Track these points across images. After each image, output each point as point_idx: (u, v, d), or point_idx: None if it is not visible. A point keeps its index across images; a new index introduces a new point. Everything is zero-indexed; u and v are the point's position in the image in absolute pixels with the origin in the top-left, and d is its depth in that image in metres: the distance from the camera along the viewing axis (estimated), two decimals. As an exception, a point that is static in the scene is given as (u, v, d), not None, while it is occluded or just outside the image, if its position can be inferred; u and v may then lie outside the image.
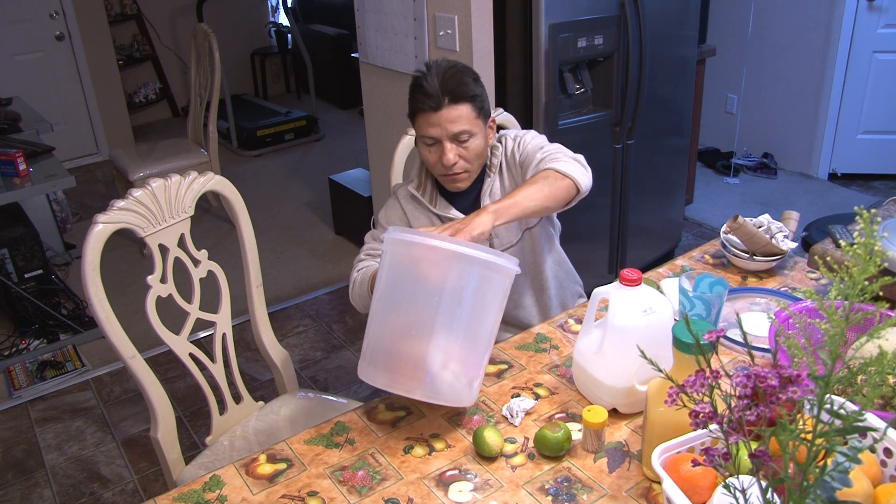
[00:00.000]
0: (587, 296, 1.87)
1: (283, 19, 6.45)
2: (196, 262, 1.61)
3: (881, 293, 1.21)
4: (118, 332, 1.44)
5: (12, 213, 3.22)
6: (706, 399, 0.79)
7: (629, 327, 1.22)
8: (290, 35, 6.39)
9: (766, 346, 1.40)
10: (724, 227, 1.77)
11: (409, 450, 1.26)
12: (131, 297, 3.18)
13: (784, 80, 4.27)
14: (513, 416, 1.31)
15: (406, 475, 1.20)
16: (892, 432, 0.98)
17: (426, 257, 1.24)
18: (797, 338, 0.88)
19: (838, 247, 1.54)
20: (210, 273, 1.64)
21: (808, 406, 0.77)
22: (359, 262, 1.64)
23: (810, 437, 0.75)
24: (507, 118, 1.98)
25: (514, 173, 1.67)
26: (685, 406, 0.81)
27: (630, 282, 1.24)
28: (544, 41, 2.44)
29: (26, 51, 4.83)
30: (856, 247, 0.76)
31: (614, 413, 1.29)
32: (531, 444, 1.24)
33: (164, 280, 1.53)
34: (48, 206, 3.64)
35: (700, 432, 1.02)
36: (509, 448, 1.24)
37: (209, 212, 4.27)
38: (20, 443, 2.55)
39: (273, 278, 3.53)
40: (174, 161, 3.80)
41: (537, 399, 1.36)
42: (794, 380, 0.73)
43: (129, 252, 3.80)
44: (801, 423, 0.75)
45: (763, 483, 0.78)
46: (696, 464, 0.84)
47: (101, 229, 1.39)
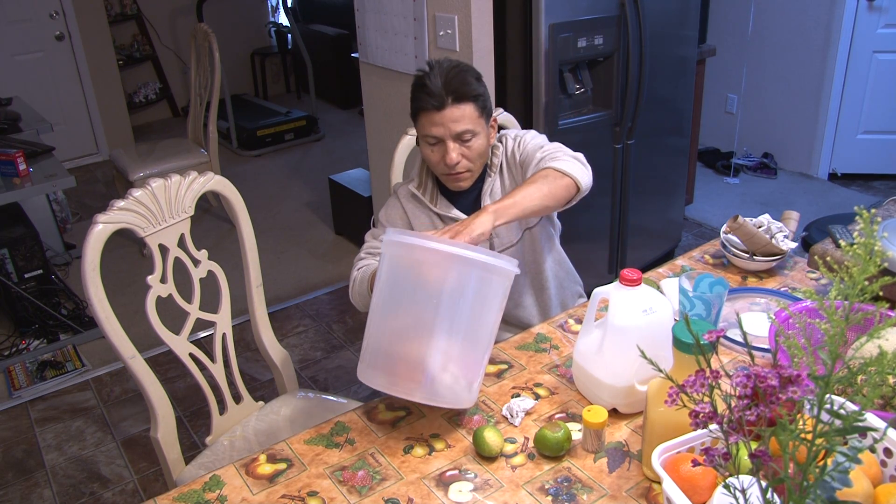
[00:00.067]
0: (587, 296, 1.87)
1: (283, 19, 6.45)
2: (196, 262, 1.61)
3: (881, 293, 1.21)
4: (118, 332, 1.45)
5: (12, 213, 3.22)
6: (706, 399, 0.79)
7: (629, 327, 1.22)
8: (290, 35, 6.39)
9: (766, 346, 1.40)
10: (724, 227, 1.76)
11: (409, 450, 1.26)
12: (131, 297, 3.18)
13: (784, 80, 4.27)
14: (513, 416, 1.31)
15: (406, 475, 1.20)
16: (892, 432, 0.98)
17: (425, 259, 1.24)
18: (797, 338, 0.88)
19: (838, 247, 1.54)
20: (210, 273, 1.64)
21: (808, 406, 0.77)
22: (359, 260, 1.64)
23: (810, 437, 0.75)
24: (507, 118, 1.98)
25: (514, 173, 1.67)
26: (685, 406, 0.81)
27: (630, 282, 1.24)
28: (544, 41, 2.44)
29: (26, 51, 4.83)
30: (856, 247, 0.76)
31: (614, 413, 1.29)
32: (531, 444, 1.24)
33: (164, 280, 1.53)
34: (48, 206, 3.64)
35: (700, 432, 1.02)
36: (509, 448, 1.24)
37: (209, 212, 4.27)
38: (20, 443, 2.55)
39: (273, 278, 3.53)
40: (174, 161, 3.80)
41: (537, 399, 1.36)
42: (794, 380, 0.74)
43: (129, 252, 3.80)
44: (801, 423, 0.76)
45: (763, 483, 0.78)
46: (696, 464, 0.84)
47: (101, 229, 1.39)
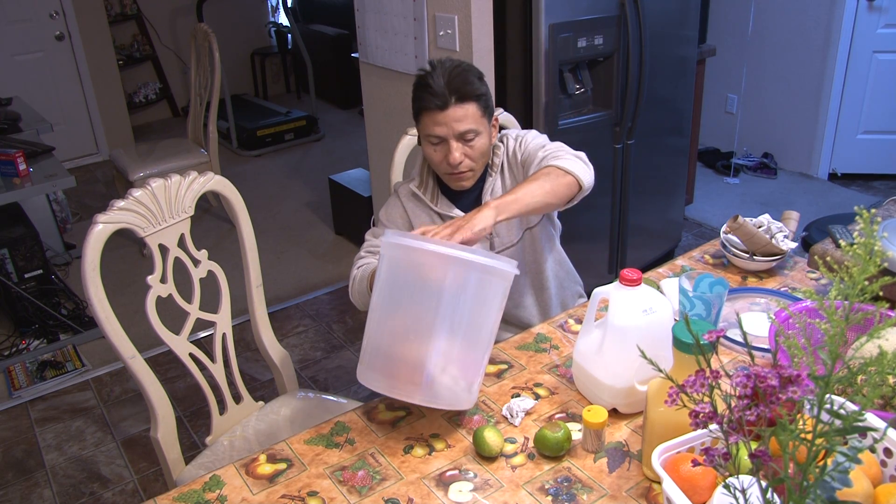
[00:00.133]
0: (587, 296, 1.87)
1: (283, 19, 6.45)
2: (196, 262, 1.61)
3: (881, 293, 1.21)
4: (118, 332, 1.45)
5: (12, 213, 3.22)
6: (706, 399, 0.79)
7: (629, 327, 1.22)
8: (290, 35, 6.39)
9: (766, 346, 1.40)
10: (724, 227, 1.76)
11: (409, 450, 1.26)
12: (131, 297, 3.18)
13: (784, 80, 4.27)
14: (513, 416, 1.30)
15: (406, 475, 1.20)
16: (892, 432, 0.98)
17: (424, 262, 1.24)
18: (797, 338, 0.88)
19: (838, 247, 1.54)
20: (210, 273, 1.64)
21: (808, 406, 0.77)
22: (359, 258, 1.64)
23: (810, 437, 0.75)
24: (508, 118, 1.98)
25: (515, 172, 1.67)
26: (685, 406, 0.81)
27: (630, 282, 1.24)
28: (544, 41, 2.44)
29: (26, 51, 4.83)
30: (856, 247, 0.76)
31: (614, 413, 1.29)
32: (531, 444, 1.24)
33: (164, 280, 1.53)
34: (48, 206, 3.64)
35: (700, 432, 1.02)
36: (509, 448, 1.24)
37: (209, 212, 4.27)
38: (20, 443, 2.55)
39: (273, 278, 3.53)
40: (174, 161, 3.80)
41: (537, 399, 1.36)
42: (794, 380, 0.73)
43: (129, 252, 3.80)
44: (801, 423, 0.76)
45: (763, 483, 0.78)
46: (696, 464, 0.84)
47: (101, 229, 1.39)
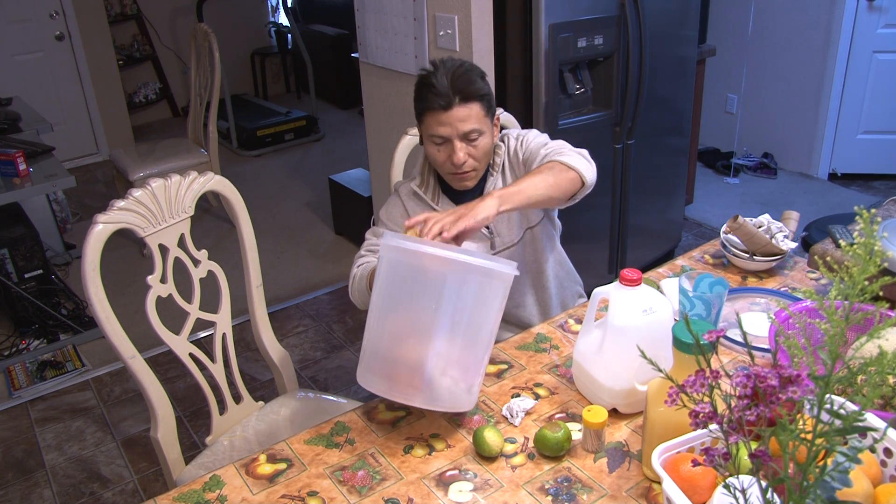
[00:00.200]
0: (587, 296, 1.87)
1: (283, 19, 6.45)
2: (196, 262, 1.61)
3: (881, 293, 1.21)
4: (118, 332, 1.44)
5: (12, 213, 3.22)
6: (706, 399, 0.79)
7: (629, 327, 1.22)
8: (290, 35, 6.39)
9: (766, 346, 1.40)
10: (724, 227, 1.76)
11: (409, 450, 1.26)
12: (131, 297, 3.18)
13: (784, 80, 4.27)
14: (513, 416, 1.30)
15: (406, 475, 1.20)
16: (892, 432, 0.98)
17: (423, 264, 1.24)
18: (797, 338, 0.88)
19: (838, 247, 1.54)
20: (210, 273, 1.64)
21: (808, 406, 0.77)
22: (359, 257, 1.64)
23: (810, 437, 0.75)
24: (508, 118, 1.98)
25: (516, 172, 1.67)
26: (685, 406, 0.81)
27: (630, 282, 1.24)
28: (544, 41, 2.44)
29: (26, 51, 4.83)
30: (856, 247, 0.76)
31: (614, 413, 1.29)
32: (531, 444, 1.24)
33: (164, 280, 1.53)
34: (48, 206, 3.64)
35: (700, 432, 1.02)
36: (509, 448, 1.24)
37: (209, 212, 4.27)
38: (20, 443, 2.55)
39: (273, 278, 3.53)
40: (174, 161, 3.80)
41: (537, 399, 1.36)
42: (794, 380, 0.73)
43: (129, 252, 3.80)
44: (801, 423, 0.76)
45: (763, 483, 0.78)
46: (696, 464, 0.84)
47: (101, 229, 1.39)
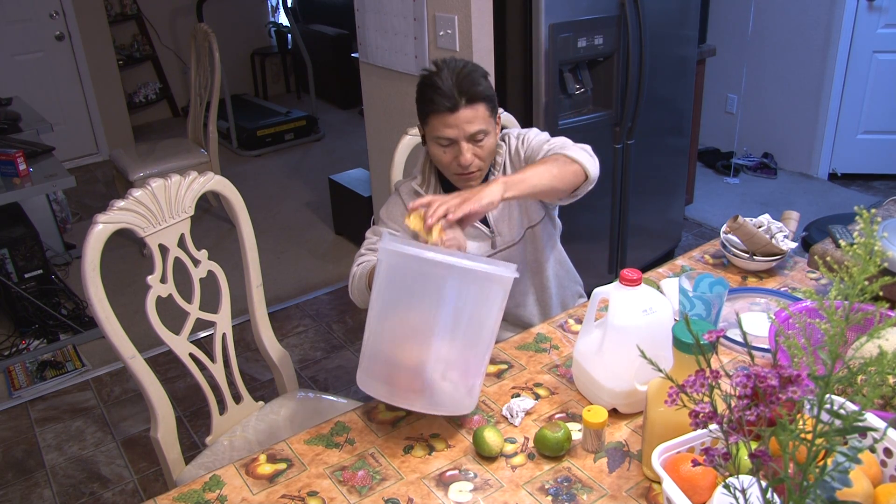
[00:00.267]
0: (587, 296, 1.87)
1: (283, 19, 6.45)
2: (196, 262, 1.61)
3: (881, 293, 1.21)
4: (118, 332, 1.44)
5: (12, 213, 3.22)
6: (706, 399, 0.79)
7: (629, 327, 1.22)
8: (290, 35, 6.39)
9: (766, 346, 1.40)
10: (724, 227, 1.76)
11: (409, 450, 1.26)
12: (131, 297, 3.17)
13: (784, 80, 4.27)
14: (513, 416, 1.30)
15: (406, 475, 1.20)
16: (892, 432, 0.98)
17: (422, 270, 1.23)
18: (797, 338, 0.88)
19: (838, 247, 1.54)
20: (210, 273, 1.64)
21: (808, 406, 0.77)
22: (359, 256, 1.64)
23: (810, 437, 0.75)
24: (508, 118, 1.98)
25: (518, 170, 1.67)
26: (685, 406, 0.81)
27: (630, 282, 1.24)
28: (544, 41, 2.44)
29: (26, 51, 4.83)
30: (856, 247, 0.76)
31: (614, 413, 1.29)
32: (531, 444, 1.24)
33: (164, 280, 1.53)
34: (48, 206, 3.64)
35: (700, 432, 1.02)
36: (509, 448, 1.24)
37: (209, 212, 4.27)
38: (20, 443, 2.55)
39: (273, 278, 3.53)
40: (174, 161, 3.80)
41: (537, 399, 1.36)
42: (794, 380, 0.73)
43: (129, 252, 3.80)
44: (801, 423, 0.76)
45: (763, 483, 0.78)
46: (696, 464, 0.84)
47: (101, 229, 1.39)
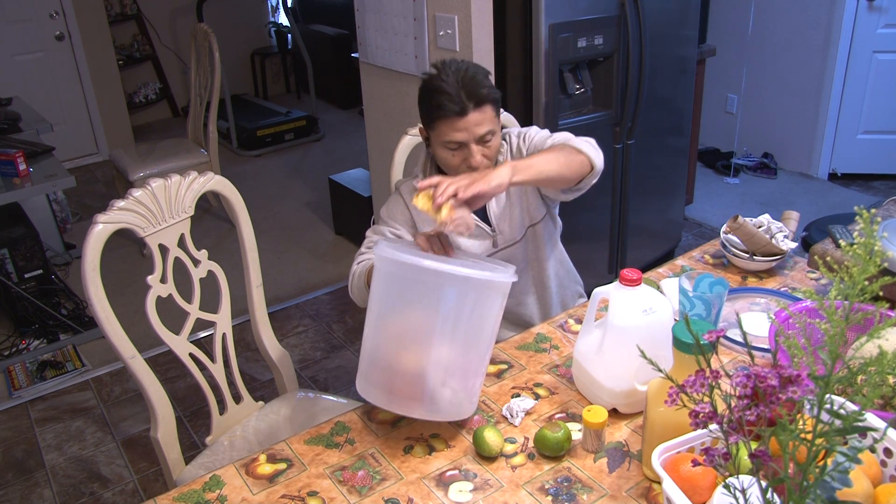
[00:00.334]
0: (587, 296, 1.87)
1: (283, 19, 6.45)
2: (196, 262, 1.61)
3: (881, 293, 1.21)
4: (118, 332, 1.44)
5: (12, 213, 3.22)
6: (706, 399, 0.79)
7: (629, 327, 1.22)
8: (290, 35, 6.39)
9: (766, 346, 1.40)
10: (724, 227, 1.76)
11: (409, 450, 1.26)
12: (131, 297, 3.17)
13: (784, 80, 4.27)
14: (513, 416, 1.30)
15: (406, 475, 1.20)
16: (892, 432, 0.98)
17: (419, 278, 1.23)
18: (797, 338, 0.88)
19: (838, 247, 1.54)
20: (210, 273, 1.64)
21: (808, 406, 0.77)
22: (359, 255, 1.64)
23: (810, 437, 0.75)
24: (507, 118, 1.98)
25: None
26: (685, 406, 0.81)
27: (630, 282, 1.24)
28: (544, 41, 2.44)
29: (26, 51, 4.83)
30: (856, 247, 0.76)
31: (614, 413, 1.29)
32: (531, 444, 1.24)
33: (164, 280, 1.53)
34: (48, 206, 3.63)
35: (700, 432, 1.02)
36: (509, 448, 1.24)
37: (209, 212, 4.27)
38: (20, 443, 2.55)
39: (273, 278, 3.53)
40: (174, 161, 3.80)
41: (537, 399, 1.36)
42: (794, 380, 0.73)
43: (129, 252, 3.80)
44: (801, 423, 0.75)
45: (763, 483, 0.78)
46: (696, 464, 0.84)
47: (101, 229, 1.39)
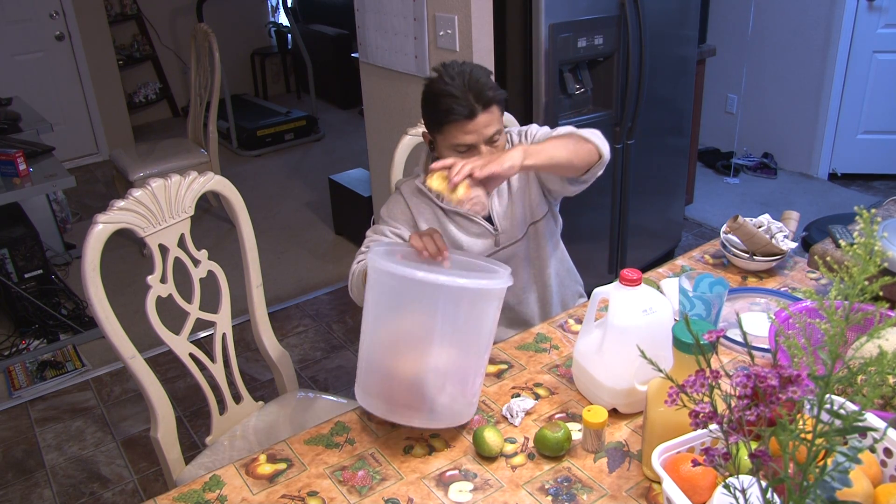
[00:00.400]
0: (587, 295, 1.87)
1: (283, 19, 6.44)
2: (196, 262, 1.61)
3: (881, 293, 1.21)
4: (118, 332, 1.44)
5: (12, 213, 3.22)
6: (706, 399, 0.79)
7: (629, 327, 1.22)
8: (290, 35, 6.39)
9: (766, 346, 1.40)
10: (724, 227, 1.76)
11: (409, 450, 1.26)
12: (131, 297, 3.17)
13: (784, 80, 4.27)
14: (513, 416, 1.30)
15: (406, 475, 1.20)
16: (892, 432, 0.98)
17: (412, 288, 1.22)
18: (797, 338, 0.88)
19: (838, 247, 1.54)
20: (210, 273, 1.64)
21: (808, 406, 0.77)
22: (360, 254, 1.64)
23: (810, 437, 0.75)
24: (507, 118, 1.98)
25: None
26: (685, 406, 0.81)
27: (630, 282, 1.24)
28: (544, 41, 2.44)
29: (26, 51, 4.83)
30: (856, 247, 0.76)
31: (614, 413, 1.29)
32: (531, 444, 1.24)
33: (164, 280, 1.53)
34: (48, 206, 3.63)
35: (700, 432, 1.02)
36: (509, 448, 1.24)
37: (209, 212, 4.27)
38: (20, 443, 2.55)
39: (273, 278, 3.53)
40: (174, 161, 3.80)
41: (537, 399, 1.36)
42: (794, 380, 0.73)
43: (129, 252, 3.80)
44: (801, 423, 0.76)
45: (763, 483, 0.78)
46: (696, 464, 0.84)
47: (101, 229, 1.39)
